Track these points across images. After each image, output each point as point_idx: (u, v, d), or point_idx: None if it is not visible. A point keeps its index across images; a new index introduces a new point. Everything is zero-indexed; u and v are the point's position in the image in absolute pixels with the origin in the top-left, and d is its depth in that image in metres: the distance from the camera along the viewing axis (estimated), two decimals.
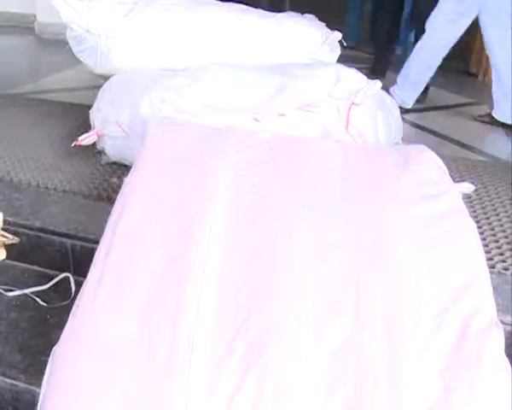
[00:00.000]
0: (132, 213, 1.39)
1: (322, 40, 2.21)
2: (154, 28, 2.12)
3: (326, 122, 1.74)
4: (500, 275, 1.65)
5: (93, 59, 2.19)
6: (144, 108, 1.91)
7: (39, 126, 2.51)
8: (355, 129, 1.76)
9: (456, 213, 1.42)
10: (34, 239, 1.81)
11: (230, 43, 2.15)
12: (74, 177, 2.06)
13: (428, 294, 1.20)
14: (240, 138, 1.64)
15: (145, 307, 1.18)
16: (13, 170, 2.09)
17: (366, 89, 1.72)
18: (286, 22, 2.20)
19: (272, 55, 2.19)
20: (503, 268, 1.68)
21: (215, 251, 1.26)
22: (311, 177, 1.49)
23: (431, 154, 1.69)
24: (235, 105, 1.81)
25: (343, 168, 1.54)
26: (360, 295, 1.17)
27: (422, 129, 2.93)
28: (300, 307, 1.16)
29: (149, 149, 1.60)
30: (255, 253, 1.25)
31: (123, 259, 1.29)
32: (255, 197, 1.39)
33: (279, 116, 1.74)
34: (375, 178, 1.51)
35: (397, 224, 1.34)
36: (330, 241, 1.28)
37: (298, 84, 1.78)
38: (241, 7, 2.34)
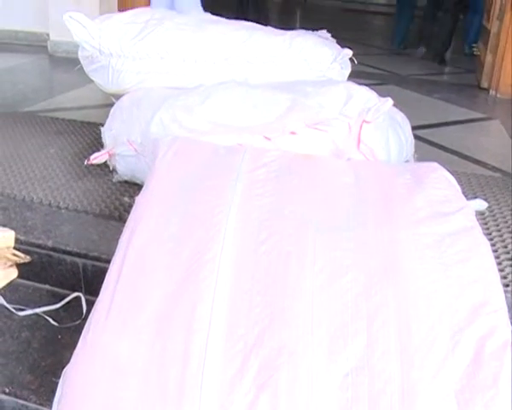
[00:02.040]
0: (143, 233, 1.39)
1: (332, 58, 2.20)
2: (165, 48, 2.13)
3: (337, 140, 1.74)
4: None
5: (104, 78, 2.21)
6: (155, 127, 1.92)
7: (51, 145, 2.53)
8: (366, 147, 1.75)
9: (470, 232, 1.40)
10: (46, 258, 1.82)
11: (240, 61, 2.15)
12: (86, 196, 2.06)
13: (442, 315, 1.18)
14: (251, 157, 1.64)
15: (156, 328, 1.18)
16: (25, 189, 2.10)
17: (377, 107, 1.71)
18: (296, 40, 2.20)
19: (282, 72, 2.19)
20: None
21: (226, 271, 1.25)
22: (322, 196, 1.48)
23: (443, 171, 1.68)
24: (245, 123, 1.81)
25: (355, 187, 1.53)
26: (372, 317, 1.16)
27: (434, 145, 2.91)
28: (312, 329, 1.15)
29: (160, 169, 1.61)
30: (266, 273, 1.25)
31: (134, 279, 1.29)
32: (267, 217, 1.39)
33: (290, 134, 1.74)
34: (387, 197, 1.49)
35: (409, 244, 1.32)
36: (342, 262, 1.27)
37: (308, 102, 1.77)
38: (252, 25, 2.35)
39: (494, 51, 4.06)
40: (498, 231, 1.99)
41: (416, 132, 3.04)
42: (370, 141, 1.75)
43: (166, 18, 2.23)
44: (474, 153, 2.79)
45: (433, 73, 4.77)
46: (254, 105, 1.83)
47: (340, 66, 2.22)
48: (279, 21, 9.23)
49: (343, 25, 8.32)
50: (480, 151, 2.83)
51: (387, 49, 6.14)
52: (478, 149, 2.84)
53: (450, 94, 3.95)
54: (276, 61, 2.19)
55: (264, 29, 2.34)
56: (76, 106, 3.18)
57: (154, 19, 2.21)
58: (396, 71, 4.79)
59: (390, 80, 4.38)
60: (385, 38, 7.79)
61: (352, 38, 6.72)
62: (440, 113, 3.48)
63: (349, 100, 1.75)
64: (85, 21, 2.12)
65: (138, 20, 2.21)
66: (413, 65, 5.13)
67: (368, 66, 4.91)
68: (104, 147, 2.13)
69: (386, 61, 5.29)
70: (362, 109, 1.73)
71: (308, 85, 1.91)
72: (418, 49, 5.67)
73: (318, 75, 2.21)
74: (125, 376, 1.12)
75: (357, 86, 1.84)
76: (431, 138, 2.98)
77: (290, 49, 2.20)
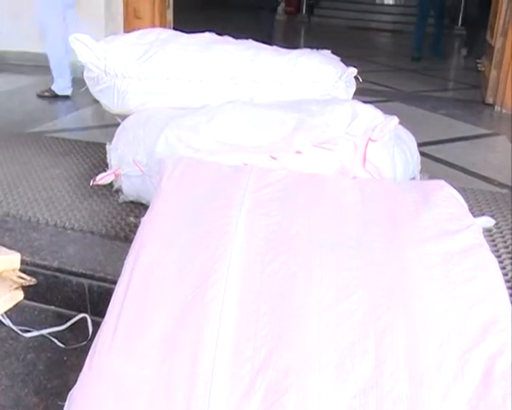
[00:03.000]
0: (149, 255, 1.39)
1: (337, 76, 2.21)
2: (170, 68, 2.14)
3: (343, 159, 1.73)
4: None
5: (110, 99, 2.22)
6: (161, 147, 1.93)
7: (57, 165, 2.55)
8: (372, 165, 1.75)
9: (477, 250, 1.39)
10: (51, 279, 1.82)
11: (246, 80, 2.16)
12: (91, 216, 2.07)
13: (450, 334, 1.16)
14: (256, 177, 1.63)
15: (163, 350, 1.17)
16: (31, 209, 2.11)
17: (383, 125, 1.71)
18: (301, 59, 2.22)
19: (287, 92, 2.20)
20: None
21: (233, 293, 1.24)
22: (329, 215, 1.47)
23: (450, 189, 1.67)
24: (251, 143, 1.81)
25: (361, 205, 1.53)
26: (380, 337, 1.15)
27: (440, 161, 2.91)
28: (320, 349, 1.14)
29: (166, 189, 1.61)
30: (273, 294, 1.24)
31: (140, 300, 1.28)
32: (273, 237, 1.38)
33: (296, 154, 1.74)
34: (394, 216, 1.49)
35: (417, 263, 1.31)
36: (349, 281, 1.26)
37: (314, 121, 1.78)
38: (257, 44, 2.36)
39: (498, 67, 4.06)
40: (506, 247, 1.98)
41: (422, 149, 3.04)
42: (376, 159, 1.74)
43: (172, 38, 2.25)
44: (481, 169, 2.78)
45: (437, 89, 4.78)
46: (260, 125, 1.83)
47: (345, 84, 2.23)
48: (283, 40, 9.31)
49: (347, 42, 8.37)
50: (486, 167, 2.82)
51: (392, 67, 6.16)
52: (484, 165, 2.83)
53: (455, 110, 3.95)
54: (281, 80, 2.20)
55: (270, 49, 2.35)
56: (81, 126, 3.20)
57: (159, 39, 2.23)
58: (400, 88, 4.80)
59: (395, 97, 4.39)
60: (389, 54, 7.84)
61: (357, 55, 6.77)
62: (446, 129, 3.48)
63: (354, 118, 1.75)
64: (91, 43, 2.14)
65: (143, 41, 2.23)
66: (417, 81, 5.15)
67: (373, 83, 4.92)
68: (110, 167, 2.14)
69: (391, 77, 5.31)
70: (367, 128, 1.73)
71: (313, 104, 1.91)
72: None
73: (323, 94, 2.22)
74: (131, 398, 1.11)
75: (362, 105, 1.85)
76: (437, 155, 2.97)
77: (295, 68, 2.21)
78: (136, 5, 4.55)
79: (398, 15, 10.53)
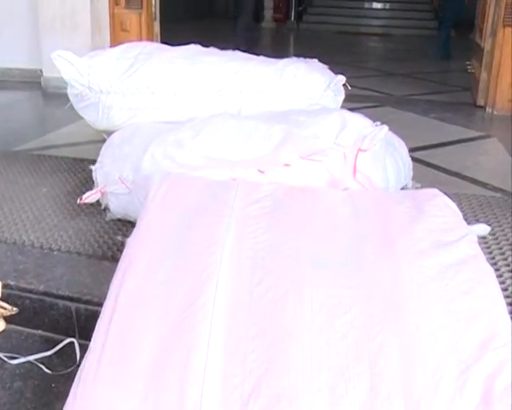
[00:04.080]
0: (135, 277, 1.34)
1: (325, 85, 2.18)
2: (155, 82, 2.10)
3: (333, 170, 1.69)
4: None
5: (95, 115, 2.18)
6: (146, 163, 1.89)
7: (43, 184, 2.50)
8: (363, 176, 1.71)
9: (473, 261, 1.35)
10: (38, 303, 1.77)
11: (233, 92, 2.13)
12: (78, 236, 2.02)
13: (447, 352, 1.12)
14: (244, 192, 1.59)
15: (149, 379, 1.12)
16: (16, 231, 2.06)
17: (373, 134, 1.67)
18: (287, 68, 2.18)
19: (275, 102, 2.16)
20: None
21: (220, 316, 1.20)
22: (319, 230, 1.43)
23: (443, 197, 1.63)
24: (238, 157, 1.77)
25: (353, 218, 1.49)
26: (374, 358, 1.10)
27: (432, 166, 2.87)
28: (312, 374, 1.09)
29: (151, 208, 1.56)
30: (262, 316, 1.19)
31: (125, 327, 1.23)
32: (261, 255, 1.34)
33: (284, 167, 1.70)
34: (387, 228, 1.45)
35: (411, 278, 1.27)
36: (341, 300, 1.21)
37: (302, 132, 1.74)
38: (244, 55, 2.33)
39: (488, 69, 4.04)
40: (502, 254, 1.94)
41: (414, 154, 3.01)
42: (367, 169, 1.71)
43: (156, 52, 2.21)
44: (473, 173, 2.75)
45: (428, 93, 4.76)
46: (247, 138, 1.79)
47: (333, 93, 2.20)
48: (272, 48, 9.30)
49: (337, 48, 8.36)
50: (479, 171, 2.78)
51: (382, 71, 6.14)
52: (477, 169, 2.80)
53: (446, 113, 3.93)
54: (268, 90, 2.17)
55: (257, 59, 2.32)
56: (68, 142, 3.15)
57: (143, 53, 2.19)
58: (391, 92, 4.78)
59: (386, 102, 4.37)
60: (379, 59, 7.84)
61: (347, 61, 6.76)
62: (437, 133, 3.45)
63: (343, 128, 1.72)
64: (73, 59, 2.10)
65: (128, 55, 2.19)
66: (408, 85, 5.13)
67: (363, 88, 4.90)
68: (96, 185, 2.09)
69: (381, 82, 5.29)
70: (357, 138, 1.69)
71: (301, 115, 1.88)
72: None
73: (312, 103, 2.18)
74: None
75: (351, 114, 1.81)
76: (429, 160, 2.94)
77: (282, 78, 2.17)
78: (123, 18, 4.51)
79: (386, 19, 10.56)
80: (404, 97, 4.59)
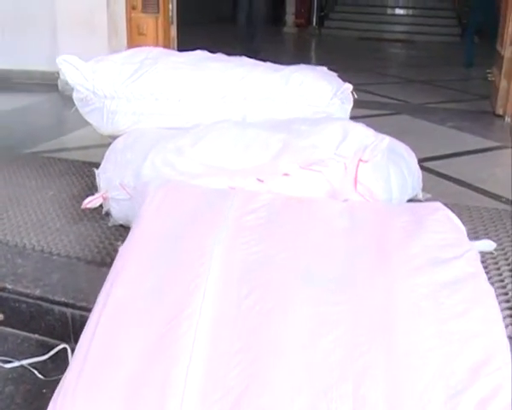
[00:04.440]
0: (123, 286, 1.33)
1: (332, 93, 2.14)
2: (159, 88, 2.09)
3: (333, 181, 1.66)
4: None
5: (99, 120, 2.17)
6: (146, 170, 1.87)
7: (50, 187, 2.50)
8: (364, 187, 1.67)
9: (472, 280, 1.30)
10: (34, 307, 1.76)
11: (237, 99, 2.10)
12: (79, 241, 2.01)
13: (437, 376, 1.08)
14: (241, 202, 1.57)
15: (129, 392, 1.10)
16: (18, 234, 2.06)
17: (374, 145, 1.63)
18: (294, 76, 2.15)
19: (280, 110, 2.13)
20: None
21: (205, 330, 1.17)
22: (314, 244, 1.40)
23: (446, 211, 1.58)
24: (237, 166, 1.75)
25: (349, 232, 1.45)
26: (359, 379, 1.06)
27: (445, 177, 2.80)
28: (293, 393, 1.05)
29: (145, 216, 1.55)
30: (247, 332, 1.16)
31: (110, 336, 1.22)
32: (251, 269, 1.31)
33: (283, 176, 1.67)
34: (384, 242, 1.41)
35: (405, 295, 1.23)
36: (330, 317, 1.18)
37: (302, 142, 1.70)
38: (250, 61, 2.31)
39: (508, 76, 3.95)
40: (511, 271, 1.87)
41: (427, 164, 2.96)
42: (368, 181, 1.66)
43: (161, 57, 2.20)
44: (487, 185, 2.67)
45: (446, 101, 4.67)
46: (247, 147, 1.77)
47: (340, 101, 2.16)
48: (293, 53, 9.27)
49: (358, 54, 8.30)
50: (493, 183, 2.71)
51: (402, 78, 6.06)
52: (491, 181, 2.72)
53: (463, 122, 3.85)
54: (273, 97, 2.13)
55: (263, 65, 2.29)
56: (80, 146, 3.16)
57: (149, 58, 2.18)
58: (409, 100, 4.71)
59: (403, 110, 4.30)
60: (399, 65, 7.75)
61: (366, 67, 6.70)
62: (453, 142, 3.37)
63: (344, 139, 1.68)
64: (78, 64, 2.10)
65: (133, 60, 2.18)
66: (426, 93, 5.04)
67: (381, 96, 4.84)
68: (99, 190, 2.08)
69: (400, 89, 5.21)
70: (358, 148, 1.65)
71: (303, 124, 1.84)
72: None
73: (318, 111, 2.14)
74: None
75: (353, 124, 1.77)
76: (442, 170, 2.87)
77: (288, 85, 2.14)
78: (140, 22, 4.53)
79: (409, 25, 10.43)
80: (421, 105, 4.52)
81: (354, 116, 3.97)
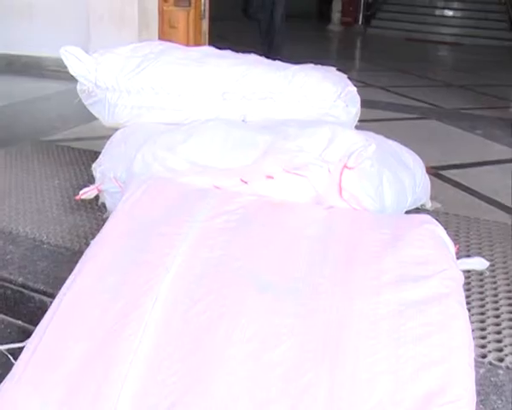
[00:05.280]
0: (82, 282, 1.32)
1: (336, 95, 2.07)
2: (159, 82, 2.07)
3: (317, 186, 1.60)
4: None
5: (102, 112, 2.18)
6: (137, 164, 1.86)
7: (57, 176, 2.53)
8: (350, 194, 1.60)
9: (442, 301, 1.22)
10: (18, 294, 1.78)
11: (236, 97, 2.06)
12: (71, 231, 2.02)
13: (384, 402, 1.01)
14: (217, 202, 1.53)
15: (68, 391, 1.09)
16: (15, 221, 2.09)
17: (359, 151, 1.56)
18: (297, 75, 2.09)
19: (281, 110, 2.07)
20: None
21: (151, 332, 1.15)
22: (282, 250, 1.35)
23: (433, 226, 1.50)
24: (223, 165, 1.71)
25: (321, 240, 1.39)
26: (299, 397, 1.01)
27: (461, 187, 2.68)
28: (230, 405, 1.02)
29: (120, 211, 1.53)
30: (194, 338, 1.13)
31: (60, 332, 1.21)
32: (210, 272, 1.27)
33: (267, 179, 1.62)
34: (355, 255, 1.34)
35: (363, 314, 1.16)
36: (280, 329, 1.13)
37: (288, 144, 1.65)
38: (256, 59, 2.26)
39: None
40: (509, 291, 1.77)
41: (445, 173, 2.85)
42: (354, 188, 1.60)
43: (166, 52, 2.18)
44: (504, 198, 2.54)
45: (482, 107, 4.49)
46: (233, 146, 1.73)
47: (344, 103, 2.08)
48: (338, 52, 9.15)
49: (402, 55, 8.11)
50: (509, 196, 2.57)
51: (440, 81, 5.88)
52: (508, 194, 2.59)
53: (494, 130, 3.68)
54: (274, 97, 2.08)
55: (269, 64, 2.24)
56: (96, 136, 3.17)
57: (152, 52, 2.17)
58: (442, 104, 4.55)
59: (432, 114, 4.16)
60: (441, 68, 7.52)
61: (406, 68, 6.55)
62: (477, 151, 3.23)
63: (331, 143, 1.61)
64: (81, 55, 2.10)
65: (138, 53, 2.17)
66: (463, 98, 4.87)
67: (412, 99, 4.70)
68: (95, 182, 2.09)
69: (435, 93, 5.04)
70: (344, 154, 1.59)
71: (293, 126, 1.78)
72: None
73: (320, 113, 2.08)
74: None
75: (342, 129, 1.70)
76: (459, 179, 2.76)
77: (290, 85, 2.08)
78: (171, 15, 4.54)
79: (458, 28, 10.12)
80: (453, 110, 4.36)
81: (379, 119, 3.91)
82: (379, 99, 4.72)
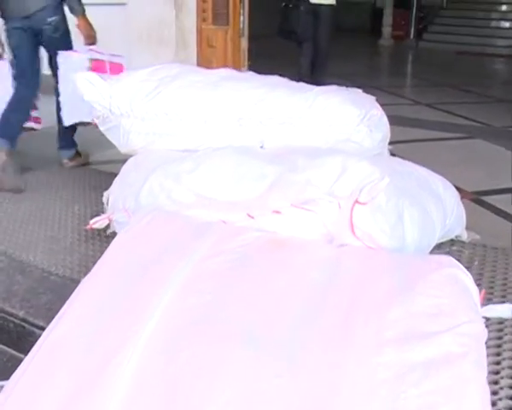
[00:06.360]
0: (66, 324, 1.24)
1: (359, 119, 1.93)
2: (172, 107, 1.99)
3: (327, 223, 1.47)
4: None
5: (117, 138, 2.12)
6: (144, 195, 1.79)
7: (79, 201, 2.50)
8: (362, 231, 1.46)
9: (454, 363, 1.07)
10: (19, 328, 1.74)
11: (253, 122, 1.96)
12: (81, 262, 1.97)
13: None
14: (217, 239, 1.43)
15: None
16: (27, 249, 2.06)
17: (372, 186, 1.42)
18: (319, 98, 1.96)
19: (301, 135, 1.95)
20: None
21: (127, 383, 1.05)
22: (276, 297, 1.22)
23: (453, 269, 1.34)
24: (229, 198, 1.61)
25: (322, 286, 1.26)
26: None
27: (503, 215, 2.47)
28: None
29: (113, 248, 1.45)
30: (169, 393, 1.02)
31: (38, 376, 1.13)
32: (196, 319, 1.16)
33: (274, 213, 1.51)
34: (359, 303, 1.20)
35: (361, 378, 1.02)
36: (266, 391, 1.00)
37: (296, 177, 1.53)
38: (278, 81, 2.14)
39: None
40: None
41: (486, 199, 2.65)
42: (366, 225, 1.46)
43: (181, 75, 2.10)
44: None
45: None
46: (240, 178, 1.63)
47: (368, 128, 1.94)
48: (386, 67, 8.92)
49: (454, 69, 7.82)
50: None
51: (491, 97, 5.59)
52: None
53: None
54: (294, 122, 1.96)
55: (290, 86, 2.12)
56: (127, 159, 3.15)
57: (169, 76, 2.10)
58: (490, 122, 4.29)
59: (479, 133, 3.92)
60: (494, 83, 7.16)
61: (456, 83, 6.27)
62: None
63: (342, 176, 1.48)
64: (96, 80, 2.06)
65: (154, 77, 2.11)
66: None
67: (460, 116, 4.48)
68: (107, 210, 2.03)
69: (484, 110, 4.78)
70: (355, 188, 1.45)
71: (303, 156, 1.66)
72: None
73: (342, 139, 1.94)
74: None
75: (355, 160, 1.56)
76: (502, 206, 2.55)
77: (311, 108, 1.96)
78: (209, 34, 4.50)
79: None
80: (502, 129, 4.11)
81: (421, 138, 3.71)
82: (425, 117, 4.52)
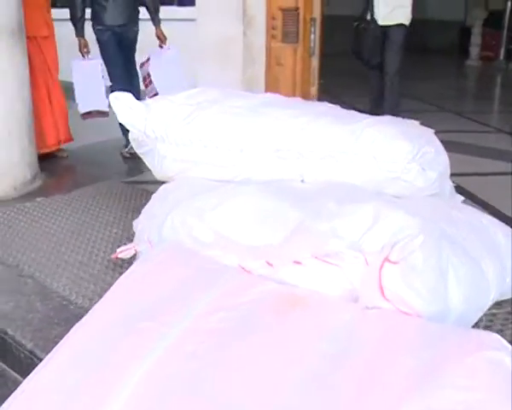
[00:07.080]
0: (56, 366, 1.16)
1: (410, 156, 1.71)
2: (208, 134, 1.85)
3: (353, 280, 1.27)
4: None
5: (152, 163, 2.02)
6: (166, 229, 1.67)
7: (118, 223, 2.42)
8: (394, 294, 1.25)
9: None
10: (28, 360, 1.66)
11: (292, 154, 1.78)
12: (102, 292, 1.84)
13: None
14: (227, 289, 1.28)
15: None
16: (53, 274, 1.99)
17: (405, 243, 1.21)
18: (367, 130, 1.75)
19: (345, 171, 1.75)
20: None
21: None
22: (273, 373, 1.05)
23: (498, 353, 1.10)
24: (249, 242, 1.45)
25: (331, 362, 1.06)
26: None
27: None
28: None
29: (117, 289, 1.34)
30: None
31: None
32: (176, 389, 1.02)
33: (295, 264, 1.33)
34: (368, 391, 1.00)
35: None
36: None
37: (321, 225, 1.33)
38: (322, 110, 1.95)
39: None
40: None
41: None
42: (396, 286, 1.24)
43: (220, 99, 1.97)
44: None
45: None
46: (262, 221, 1.46)
47: (420, 166, 1.72)
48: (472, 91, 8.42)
49: None
50: None
51: None
52: None
53: None
54: (337, 156, 1.77)
55: (337, 115, 1.93)
56: None
57: (207, 100, 1.97)
58: None
59: None
60: None
61: None
62: None
63: (372, 227, 1.28)
64: (131, 102, 1.97)
65: (191, 101, 1.99)
66: None
67: None
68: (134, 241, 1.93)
69: None
70: (387, 243, 1.24)
71: (335, 199, 1.46)
72: None
73: (390, 177, 1.73)
74: None
75: (391, 208, 1.35)
76: None
77: (357, 142, 1.76)
78: (278, 52, 4.37)
79: None
80: None
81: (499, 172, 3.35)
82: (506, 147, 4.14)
